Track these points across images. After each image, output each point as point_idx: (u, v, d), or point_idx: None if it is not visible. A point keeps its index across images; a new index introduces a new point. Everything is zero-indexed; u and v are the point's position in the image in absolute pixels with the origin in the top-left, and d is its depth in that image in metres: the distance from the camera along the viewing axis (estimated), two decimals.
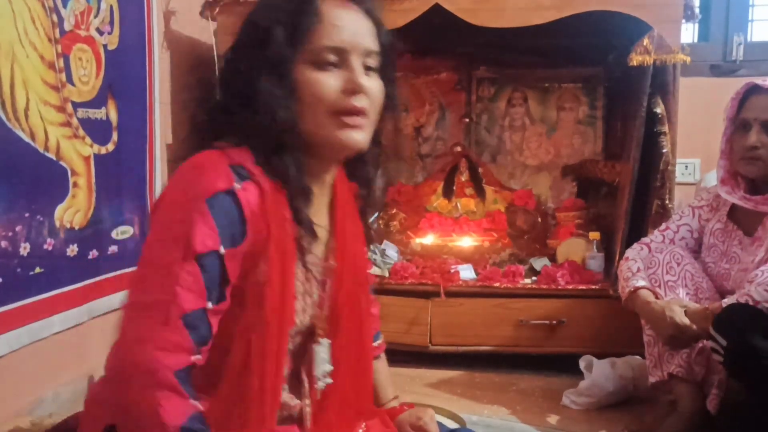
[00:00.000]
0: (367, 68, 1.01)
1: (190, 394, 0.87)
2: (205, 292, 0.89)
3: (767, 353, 1.48)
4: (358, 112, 0.98)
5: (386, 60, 1.05)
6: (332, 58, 0.97)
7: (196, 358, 0.88)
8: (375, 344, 1.27)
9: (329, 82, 0.97)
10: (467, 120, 3.05)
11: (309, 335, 1.07)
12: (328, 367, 1.07)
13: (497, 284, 2.38)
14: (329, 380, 1.07)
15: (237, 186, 0.91)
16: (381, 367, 1.29)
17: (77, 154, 1.69)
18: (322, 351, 1.07)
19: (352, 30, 0.99)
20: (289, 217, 0.97)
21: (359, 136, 1.00)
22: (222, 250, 0.90)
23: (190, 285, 0.87)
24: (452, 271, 2.46)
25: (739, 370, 1.57)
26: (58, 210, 1.63)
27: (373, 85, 1.01)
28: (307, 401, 1.06)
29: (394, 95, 1.09)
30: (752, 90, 1.76)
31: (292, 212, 0.98)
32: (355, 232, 1.14)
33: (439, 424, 1.18)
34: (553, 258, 2.59)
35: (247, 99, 0.96)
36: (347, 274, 1.09)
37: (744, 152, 1.74)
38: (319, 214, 1.06)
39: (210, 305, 0.89)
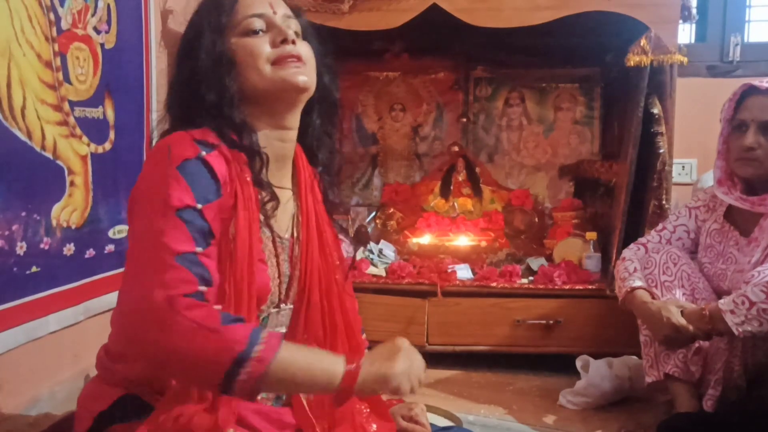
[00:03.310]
0: (293, 33, 1.08)
1: (210, 304, 0.92)
2: (192, 239, 0.93)
3: None
4: (294, 56, 1.05)
5: (305, 27, 1.14)
6: (258, 24, 1.07)
7: (202, 288, 0.92)
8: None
9: (260, 41, 1.06)
10: (464, 120, 3.05)
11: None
12: (281, 330, 1.10)
13: (494, 284, 2.38)
14: None
15: (203, 153, 0.98)
16: None
17: (74, 152, 1.69)
18: (282, 316, 1.11)
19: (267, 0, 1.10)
20: (250, 179, 1.03)
21: (302, 76, 1.06)
22: (199, 205, 0.95)
23: (175, 234, 0.92)
24: (449, 270, 2.46)
25: None
26: (55, 209, 1.62)
27: (302, 44, 1.09)
28: None
29: (327, 60, 1.15)
30: (749, 91, 1.76)
31: (252, 175, 1.04)
32: (319, 210, 1.17)
33: (432, 425, 1.19)
34: (550, 258, 2.60)
35: (194, 83, 1.05)
36: (312, 245, 1.13)
37: (741, 153, 1.75)
38: (282, 184, 1.12)
39: (199, 249, 0.93)
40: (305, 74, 1.06)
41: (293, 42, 1.06)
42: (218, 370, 0.87)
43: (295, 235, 1.13)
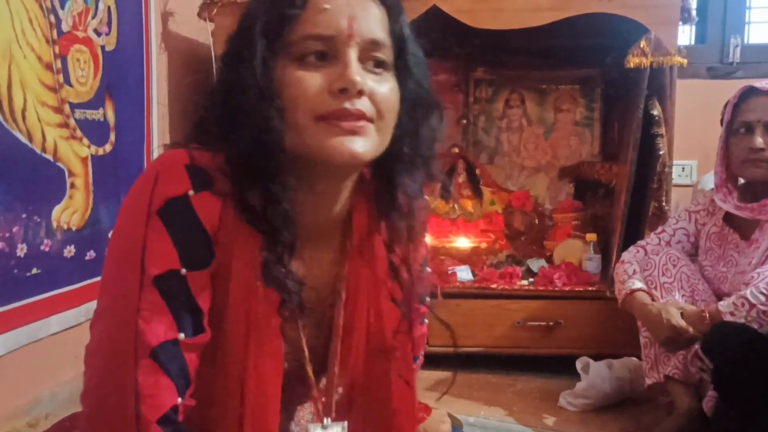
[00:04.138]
0: (377, 64, 0.78)
1: None
2: (173, 320, 0.73)
3: (755, 380, 1.47)
4: (353, 115, 0.74)
5: (406, 53, 0.81)
6: (318, 49, 0.75)
7: (178, 400, 0.74)
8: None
9: (311, 80, 0.74)
10: (465, 121, 3.05)
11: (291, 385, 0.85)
12: None
13: (494, 285, 2.38)
14: None
15: (191, 193, 0.74)
16: None
17: (75, 155, 1.69)
18: None
19: (345, 13, 0.75)
20: (261, 261, 0.77)
21: (357, 144, 0.75)
22: (183, 271, 0.74)
23: (153, 316, 0.72)
24: (449, 272, 2.46)
25: (729, 395, 1.57)
26: (56, 211, 1.63)
27: (381, 84, 0.77)
28: None
29: (426, 96, 0.83)
30: (750, 92, 1.75)
31: (264, 263, 0.77)
32: (377, 284, 0.89)
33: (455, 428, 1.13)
34: (550, 259, 2.60)
35: (226, 108, 0.77)
36: (359, 335, 0.87)
37: (749, 154, 1.72)
38: (318, 259, 0.85)
39: (182, 336, 0.74)
40: (363, 142, 0.75)
41: (360, 92, 0.74)
42: None
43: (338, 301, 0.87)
